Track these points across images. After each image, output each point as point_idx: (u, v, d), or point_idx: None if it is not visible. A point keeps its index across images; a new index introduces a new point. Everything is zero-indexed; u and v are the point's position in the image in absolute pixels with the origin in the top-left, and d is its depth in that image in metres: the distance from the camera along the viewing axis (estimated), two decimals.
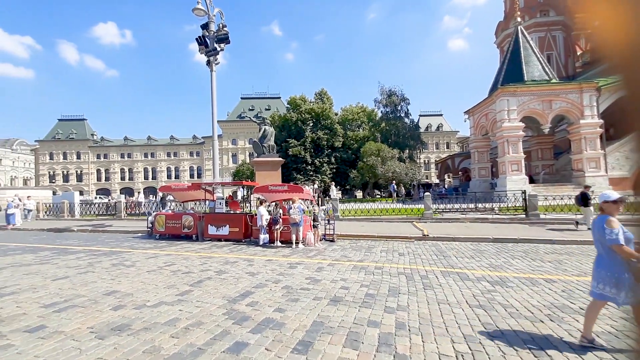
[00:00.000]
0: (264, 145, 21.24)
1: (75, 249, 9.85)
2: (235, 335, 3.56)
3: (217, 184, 13.61)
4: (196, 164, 74.07)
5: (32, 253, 9.20)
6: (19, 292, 5.33)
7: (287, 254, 8.94)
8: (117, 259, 8.26)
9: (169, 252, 9.36)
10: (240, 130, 70.61)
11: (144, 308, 4.50)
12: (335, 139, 41.49)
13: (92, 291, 5.36)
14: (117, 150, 73.14)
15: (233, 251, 9.50)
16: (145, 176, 73.40)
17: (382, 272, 6.59)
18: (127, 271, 6.84)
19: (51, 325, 3.94)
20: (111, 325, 3.88)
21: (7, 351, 3.26)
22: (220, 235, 11.85)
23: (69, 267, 7.31)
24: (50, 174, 71.51)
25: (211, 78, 14.46)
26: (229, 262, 7.74)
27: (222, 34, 13.61)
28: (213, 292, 5.23)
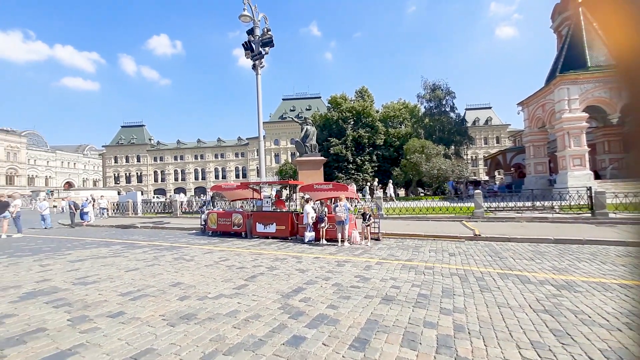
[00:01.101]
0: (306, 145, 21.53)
1: (141, 244, 10.80)
2: (292, 329, 3.69)
3: (263, 183, 14.11)
4: (241, 165, 77.20)
5: (105, 247, 10.27)
6: (99, 281, 5.99)
7: (334, 252, 9.02)
8: (177, 253, 8.92)
9: (222, 248, 9.90)
10: (282, 130, 72.30)
11: (206, 299, 4.84)
12: (377, 137, 40.88)
13: (160, 282, 5.86)
14: (171, 153, 78.66)
15: (281, 248, 9.79)
16: (196, 177, 78.09)
17: (433, 272, 6.41)
18: (188, 265, 7.37)
19: (129, 311, 4.38)
20: (179, 314, 4.22)
21: (95, 333, 3.69)
22: (268, 233, 12.26)
23: (137, 260, 8.06)
24: (115, 176, 78.92)
25: (257, 81, 14.99)
26: (278, 259, 8.00)
27: (266, 38, 14.07)
28: (267, 287, 5.46)
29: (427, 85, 39.96)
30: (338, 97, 43.18)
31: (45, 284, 5.86)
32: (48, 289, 5.53)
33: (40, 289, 5.50)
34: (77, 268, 7.15)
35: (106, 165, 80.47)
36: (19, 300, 4.92)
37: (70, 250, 9.56)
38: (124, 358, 3.07)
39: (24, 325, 3.94)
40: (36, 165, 79.23)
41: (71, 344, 3.39)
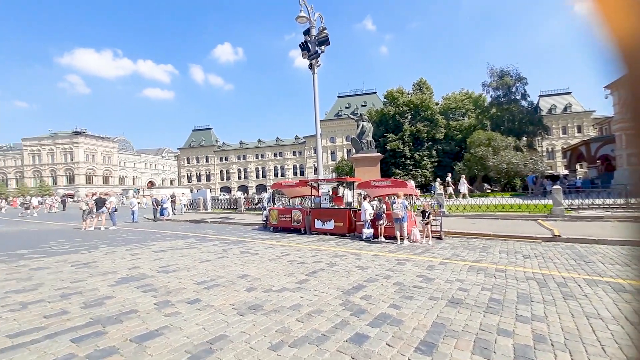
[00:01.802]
0: (363, 142, 21.28)
1: (211, 237, 11.75)
2: (354, 327, 3.69)
3: (321, 180, 14.32)
4: (299, 163, 79.32)
5: (182, 239, 11.37)
6: (178, 270, 6.65)
7: (393, 249, 8.81)
8: (243, 247, 9.51)
9: (283, 243, 10.30)
10: (338, 128, 72.56)
11: (270, 292, 5.08)
12: (437, 131, 38.81)
13: (229, 274, 6.31)
14: (234, 153, 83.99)
15: (339, 245, 9.86)
16: (257, 175, 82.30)
17: (505, 275, 5.90)
18: (252, 258, 7.82)
19: (204, 299, 4.79)
20: (247, 305, 4.50)
21: (176, 317, 4.10)
22: (326, 230, 12.43)
23: (209, 252, 8.78)
24: (188, 175, 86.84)
25: (313, 80, 15.24)
26: (337, 255, 8.07)
27: (322, 37, 14.21)
28: (327, 283, 5.54)
29: (494, 72, 36.53)
30: (394, 92, 41.90)
31: (136, 270, 6.69)
32: (138, 275, 6.30)
33: (131, 275, 6.29)
34: (160, 258, 8.03)
35: (180, 166, 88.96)
36: (116, 284, 5.69)
37: (154, 242, 10.77)
38: (201, 342, 3.37)
39: (120, 306, 4.54)
40: (125, 167, 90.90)
41: (157, 326, 3.82)
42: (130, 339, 3.46)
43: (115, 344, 3.34)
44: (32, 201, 29.50)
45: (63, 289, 5.36)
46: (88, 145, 79.60)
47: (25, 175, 78.19)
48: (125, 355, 3.09)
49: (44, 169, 78.07)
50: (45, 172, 77.78)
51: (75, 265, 7.29)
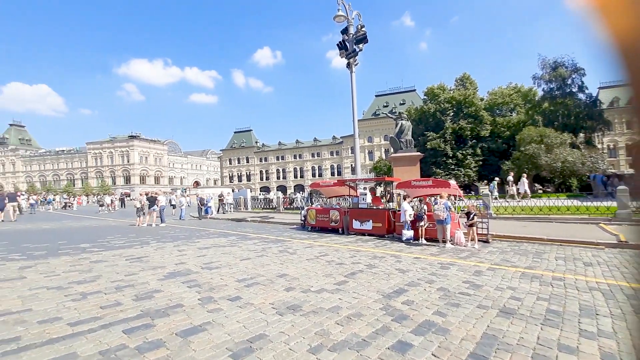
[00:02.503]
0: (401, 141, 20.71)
1: (252, 236, 12.06)
2: (396, 333, 3.52)
3: (359, 180, 14.12)
4: (336, 163, 79.29)
5: (224, 237, 11.80)
6: (220, 267, 6.87)
7: (435, 252, 8.42)
8: (282, 246, 9.63)
9: (321, 243, 10.27)
10: (376, 127, 71.49)
11: (309, 292, 5.05)
12: (481, 128, 36.71)
13: (268, 272, 6.39)
14: (273, 154, 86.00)
15: (378, 246, 9.63)
16: (295, 175, 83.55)
17: (564, 284, 5.36)
18: (291, 258, 7.87)
19: (244, 297, 4.87)
20: (286, 304, 4.50)
21: (219, 314, 4.20)
22: (364, 230, 12.22)
23: (249, 250, 9.00)
24: (229, 175, 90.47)
25: (351, 79, 15.08)
26: (376, 257, 7.86)
27: (360, 35, 14.02)
28: (367, 285, 5.39)
29: (546, 63, 33.54)
30: (435, 88, 40.29)
31: (182, 266, 7.02)
32: (184, 271, 6.60)
33: (178, 271, 6.60)
34: (204, 254, 8.37)
35: (223, 167, 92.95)
36: (164, 278, 5.99)
37: (199, 239, 11.28)
38: (242, 340, 3.40)
39: (167, 300, 4.76)
40: (174, 168, 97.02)
41: (201, 321, 3.94)
42: (175, 332, 3.59)
43: (162, 337, 3.49)
44: (105, 199, 32.43)
45: (118, 282, 5.75)
46: (142, 148, 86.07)
47: (89, 175, 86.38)
48: (171, 349, 3.20)
49: (104, 169, 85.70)
50: (105, 173, 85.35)
51: (129, 259, 7.82)
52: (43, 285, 5.48)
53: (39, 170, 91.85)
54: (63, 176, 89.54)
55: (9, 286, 5.43)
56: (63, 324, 3.85)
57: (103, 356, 3.07)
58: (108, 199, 32.75)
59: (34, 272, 6.42)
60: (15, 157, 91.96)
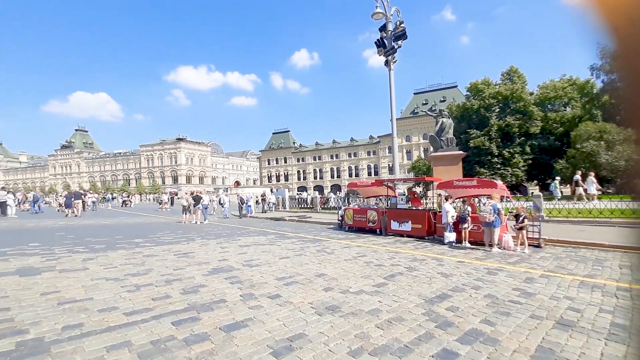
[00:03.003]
0: (442, 139, 19.94)
1: (289, 235, 12.25)
2: (441, 341, 3.36)
3: (398, 180, 13.78)
4: (373, 163, 78.26)
5: (263, 235, 12.11)
6: (260, 265, 7.05)
7: (481, 257, 7.96)
8: (319, 246, 9.67)
9: (359, 243, 10.16)
10: (414, 126, 69.56)
11: (348, 293, 4.99)
12: (531, 124, 34.20)
13: (307, 271, 6.43)
14: (310, 154, 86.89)
15: (418, 248, 9.32)
16: (332, 175, 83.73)
17: (631, 295, 4.80)
18: (329, 257, 7.86)
19: (283, 295, 4.94)
20: (325, 304, 4.49)
21: (259, 310, 4.29)
22: (403, 231, 11.90)
23: (288, 249, 9.14)
24: (268, 175, 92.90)
25: (389, 77, 14.76)
26: (416, 259, 7.61)
27: (399, 31, 13.67)
28: (407, 289, 5.23)
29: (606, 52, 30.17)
30: (479, 83, 38.21)
31: (224, 263, 7.30)
32: (226, 267, 6.86)
33: (221, 267, 6.87)
34: (245, 252, 8.64)
35: (262, 167, 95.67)
36: (208, 274, 6.26)
37: (240, 237, 11.68)
38: (282, 338, 3.44)
39: (211, 295, 4.96)
40: (216, 168, 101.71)
41: (243, 317, 4.05)
42: (219, 327, 3.73)
43: (207, 330, 3.63)
44: (163, 197, 34.95)
45: (167, 275, 6.11)
46: (188, 150, 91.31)
47: (142, 175, 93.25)
48: (215, 343, 3.32)
49: (155, 170, 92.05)
50: (156, 173, 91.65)
51: (177, 254, 8.29)
52: (102, 277, 5.97)
53: (100, 171, 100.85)
54: (120, 176, 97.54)
55: (75, 276, 5.99)
56: (119, 313, 4.15)
57: (154, 346, 3.26)
58: (165, 197, 35.08)
59: (95, 264, 7.02)
60: (80, 159, 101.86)
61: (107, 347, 3.22)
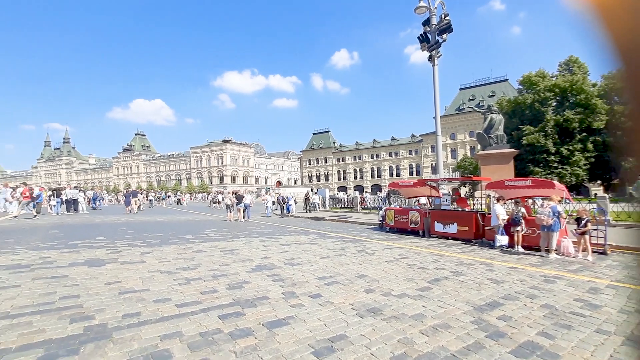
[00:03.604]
0: (491, 136, 18.79)
1: (330, 235, 12.28)
2: (492, 352, 3.14)
3: (442, 180, 13.21)
4: (415, 162, 75.95)
5: (304, 235, 12.27)
6: (301, 264, 7.14)
7: (536, 263, 7.36)
8: (360, 246, 9.57)
9: (400, 245, 9.90)
10: (459, 123, 66.35)
11: (390, 296, 4.87)
12: (594, 118, 30.95)
13: (347, 272, 6.39)
14: (350, 154, 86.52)
15: (464, 252, 8.86)
16: (372, 175, 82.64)
17: None
18: (370, 259, 7.75)
19: (324, 295, 4.95)
20: (366, 306, 4.42)
21: (300, 309, 4.34)
22: (448, 233, 11.39)
23: (328, 249, 9.16)
24: (309, 175, 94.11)
25: (433, 73, 14.21)
26: (463, 264, 7.23)
27: (444, 24, 13.10)
28: (454, 294, 4.97)
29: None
30: (533, 75, 35.36)
31: (267, 260, 7.50)
32: (268, 265, 7.04)
33: (263, 265, 7.07)
34: (286, 251, 8.81)
35: (303, 167, 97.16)
36: (252, 271, 6.48)
37: (281, 236, 11.95)
38: (323, 338, 3.44)
39: (255, 291, 5.11)
40: (259, 169, 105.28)
41: (285, 315, 4.12)
42: (262, 323, 3.83)
43: (251, 326, 3.75)
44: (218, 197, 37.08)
45: (214, 270, 6.42)
46: (233, 151, 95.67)
47: (191, 175, 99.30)
48: (258, 339, 3.42)
49: (203, 170, 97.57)
50: (204, 174, 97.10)
51: (222, 251, 8.68)
52: (157, 269, 6.42)
53: (156, 171, 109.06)
54: (172, 176, 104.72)
55: (134, 268, 6.51)
56: (172, 304, 4.43)
57: (202, 337, 3.43)
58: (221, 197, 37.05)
59: (151, 258, 7.59)
60: (139, 160, 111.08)
61: (161, 336, 3.45)
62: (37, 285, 5.11)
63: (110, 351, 3.09)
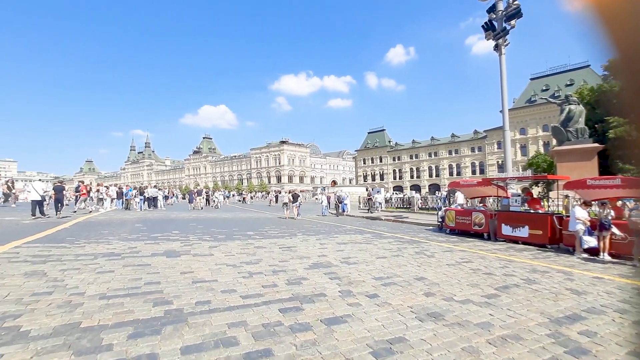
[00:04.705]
0: (569, 130, 16.77)
1: (386, 235, 12.06)
2: None
3: (511, 178, 12.15)
4: (478, 160, 70.92)
5: (359, 234, 12.23)
6: (357, 263, 7.14)
7: (627, 274, 6.40)
8: (418, 248, 9.25)
9: (463, 248, 9.35)
10: (530, 116, 60.30)
11: (452, 301, 4.64)
12: None
13: (405, 273, 6.23)
14: (407, 152, 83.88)
15: (537, 258, 8.06)
16: (430, 174, 79.12)
17: None
18: (429, 261, 7.45)
19: (382, 295, 4.90)
20: (427, 310, 4.27)
21: (357, 308, 4.35)
22: (517, 237, 10.48)
23: (384, 249, 9.02)
24: (364, 175, 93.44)
25: (500, 63, 13.13)
26: (536, 271, 6.58)
27: (512, 10, 12.02)
28: (526, 304, 4.56)
29: None
30: None
31: (323, 258, 7.64)
32: (325, 263, 7.17)
33: (320, 262, 7.21)
34: (342, 249, 8.88)
35: (357, 166, 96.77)
36: (309, 268, 6.65)
37: (337, 235, 12.06)
38: (381, 339, 3.41)
39: (312, 288, 5.25)
40: (315, 169, 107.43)
41: (342, 312, 4.17)
42: (320, 319, 3.92)
43: (310, 321, 3.87)
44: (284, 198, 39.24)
45: (274, 266, 6.73)
46: (290, 152, 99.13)
47: (252, 175, 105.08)
48: (317, 334, 3.51)
49: (262, 171, 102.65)
50: (263, 174, 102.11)
51: (281, 247, 9.06)
52: (224, 262, 6.94)
53: (220, 172, 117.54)
54: (235, 176, 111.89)
55: (203, 260, 7.12)
56: (237, 295, 4.76)
57: (265, 328, 3.63)
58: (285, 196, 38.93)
59: (218, 251, 8.22)
60: (206, 162, 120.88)
61: (229, 323, 3.73)
62: (126, 272, 5.87)
63: (186, 334, 3.43)
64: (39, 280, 5.09)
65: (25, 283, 4.90)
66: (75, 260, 6.57)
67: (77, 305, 4.10)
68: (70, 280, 5.14)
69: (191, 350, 3.06)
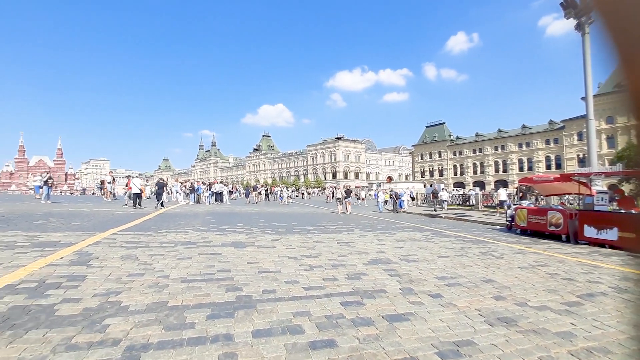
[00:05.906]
0: None
1: (447, 233, 11.52)
2: None
3: (597, 174, 10.74)
4: (553, 153, 63.65)
5: (419, 232, 11.86)
6: (418, 261, 6.97)
7: None
8: (484, 248, 8.69)
9: (536, 250, 8.55)
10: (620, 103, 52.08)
11: (526, 307, 4.31)
12: None
13: (470, 275, 5.93)
14: (469, 146, 78.57)
15: (630, 265, 7.02)
16: (496, 169, 73.19)
17: None
18: (498, 262, 6.97)
19: (445, 296, 4.73)
20: (497, 315, 4.03)
21: (420, 307, 4.27)
22: (604, 240, 9.27)
23: (446, 248, 8.65)
24: (421, 170, 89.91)
25: (583, 44, 11.61)
26: (629, 279, 5.77)
27: None
28: (615, 314, 4.06)
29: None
30: None
31: (382, 255, 7.59)
32: (384, 259, 7.12)
33: (379, 259, 7.18)
34: (401, 247, 8.72)
35: (414, 162, 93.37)
36: (368, 264, 6.67)
37: (395, 231, 11.85)
38: (447, 341, 3.32)
39: (372, 284, 5.27)
40: (370, 164, 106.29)
41: (404, 310, 4.13)
42: (382, 315, 3.94)
43: (371, 316, 3.91)
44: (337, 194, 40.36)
45: (333, 260, 6.88)
46: (345, 148, 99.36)
47: (308, 172, 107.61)
48: (379, 330, 3.54)
49: (318, 167, 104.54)
50: (319, 170, 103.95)
51: (339, 242, 9.20)
52: (285, 255, 7.29)
53: (278, 168, 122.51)
54: (292, 173, 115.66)
55: (267, 252, 7.56)
56: (300, 287, 4.99)
57: (328, 320, 3.76)
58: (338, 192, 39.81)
59: (280, 244, 8.64)
60: (265, 159, 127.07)
61: (293, 312, 3.94)
62: (201, 259, 6.49)
63: (256, 319, 3.71)
64: (132, 263, 5.89)
65: (122, 265, 5.71)
66: (159, 247, 7.44)
67: (163, 286, 4.67)
68: (157, 264, 5.85)
69: (261, 334, 3.31)
